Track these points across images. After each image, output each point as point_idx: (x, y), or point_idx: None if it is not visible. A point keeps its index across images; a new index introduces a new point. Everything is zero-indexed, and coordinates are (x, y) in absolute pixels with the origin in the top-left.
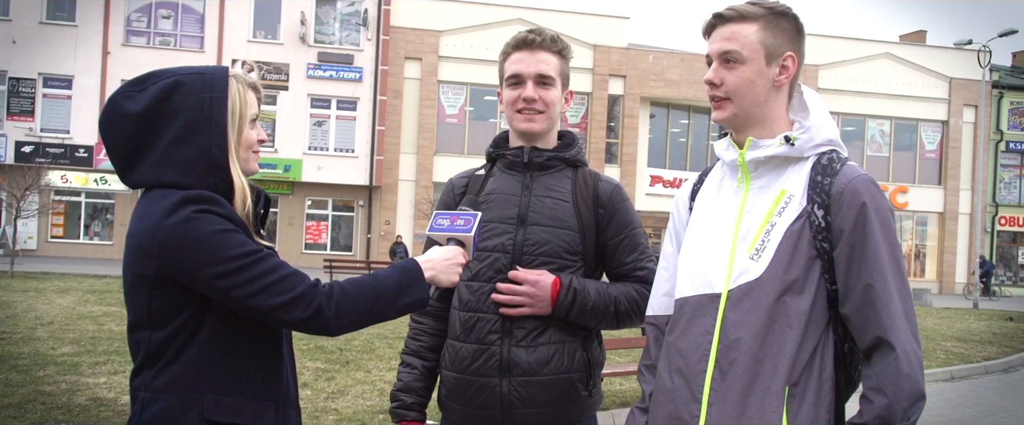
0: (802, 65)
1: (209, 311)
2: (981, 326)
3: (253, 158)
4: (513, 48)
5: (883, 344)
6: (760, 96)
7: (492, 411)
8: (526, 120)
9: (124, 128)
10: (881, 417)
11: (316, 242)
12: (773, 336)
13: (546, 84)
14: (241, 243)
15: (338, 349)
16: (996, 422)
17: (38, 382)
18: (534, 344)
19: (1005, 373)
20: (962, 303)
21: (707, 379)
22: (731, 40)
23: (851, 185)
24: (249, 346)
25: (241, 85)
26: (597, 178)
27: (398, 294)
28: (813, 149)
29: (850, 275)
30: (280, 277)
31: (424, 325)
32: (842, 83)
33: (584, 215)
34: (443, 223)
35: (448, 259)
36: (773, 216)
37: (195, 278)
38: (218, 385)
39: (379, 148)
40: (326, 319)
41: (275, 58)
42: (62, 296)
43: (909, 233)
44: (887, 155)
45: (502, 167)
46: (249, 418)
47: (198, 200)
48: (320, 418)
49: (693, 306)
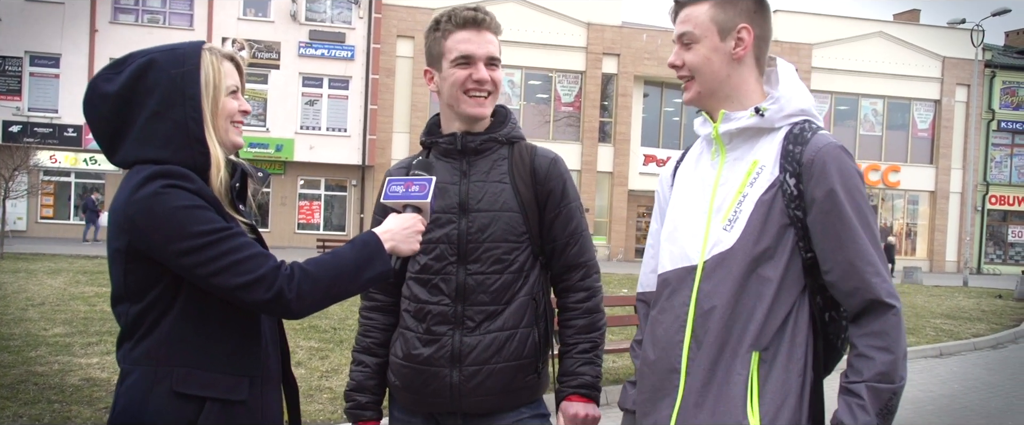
0: (766, 37)
1: (183, 285)
2: (970, 303)
3: (234, 130)
4: (457, 27)
5: (877, 305)
6: (720, 71)
7: (441, 399)
8: (477, 104)
9: (104, 109)
10: (883, 374)
11: (309, 222)
12: (743, 304)
13: (494, 65)
14: (207, 220)
15: (332, 328)
16: (984, 398)
17: (30, 363)
18: (486, 332)
19: (993, 350)
20: (952, 281)
21: (684, 349)
22: (685, 22)
23: (821, 153)
24: (221, 320)
25: (215, 57)
26: (533, 153)
27: (359, 269)
28: (784, 119)
29: (827, 243)
30: (243, 257)
31: (374, 320)
32: (835, 62)
33: (523, 194)
34: (397, 190)
35: (406, 228)
36: (746, 187)
37: (162, 253)
38: (188, 358)
39: (372, 127)
40: (287, 301)
41: (266, 36)
42: (53, 277)
43: (900, 212)
44: (880, 134)
45: (437, 155)
46: (219, 392)
47: (167, 175)
48: (314, 396)
49: (673, 280)
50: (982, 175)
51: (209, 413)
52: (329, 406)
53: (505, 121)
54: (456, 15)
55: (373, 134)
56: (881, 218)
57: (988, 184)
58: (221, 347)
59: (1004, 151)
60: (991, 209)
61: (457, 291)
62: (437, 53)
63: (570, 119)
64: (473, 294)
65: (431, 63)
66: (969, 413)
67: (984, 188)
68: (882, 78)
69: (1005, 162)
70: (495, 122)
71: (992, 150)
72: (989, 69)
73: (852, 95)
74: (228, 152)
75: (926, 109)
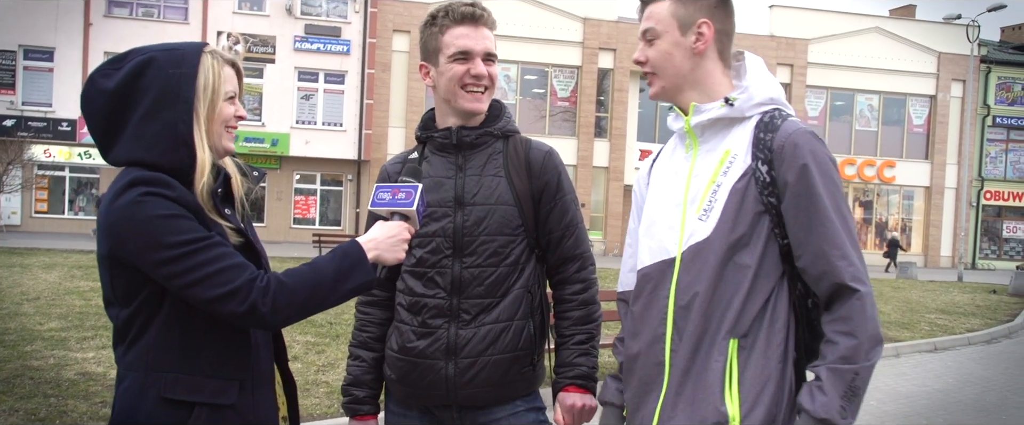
0: (728, 32)
1: (168, 291)
2: (965, 298)
3: (227, 136)
4: (455, 22)
5: (843, 289)
6: (682, 65)
7: (437, 392)
8: (474, 99)
9: (100, 105)
10: (845, 357)
11: (304, 217)
12: (722, 292)
13: (491, 61)
14: (183, 230)
15: (328, 323)
16: (978, 393)
17: (25, 357)
18: (481, 324)
19: (987, 344)
20: (947, 276)
21: (667, 341)
22: (649, 19)
23: (791, 138)
24: (207, 326)
25: (217, 61)
26: (528, 146)
27: (338, 280)
28: (755, 108)
29: (798, 228)
30: (218, 269)
31: (370, 315)
32: (831, 57)
33: (519, 187)
34: (384, 197)
35: (392, 236)
36: (719, 176)
37: (140, 261)
38: (176, 364)
39: (367, 122)
40: (261, 315)
41: (261, 30)
42: (48, 271)
43: (896, 207)
44: (875, 129)
45: (433, 149)
46: (207, 396)
47: (147, 182)
48: (311, 391)
49: (654, 274)
50: (977, 170)
51: (197, 418)
52: (326, 400)
53: (500, 115)
54: (453, 10)
55: (369, 129)
56: (877, 213)
57: (983, 179)
58: (208, 352)
59: (999, 147)
60: (986, 204)
61: (453, 284)
62: (433, 48)
63: (566, 114)
64: (468, 287)
65: (427, 58)
66: (963, 408)
67: (979, 183)
68: (878, 74)
69: (1000, 157)
70: (490, 116)
71: (987, 145)
72: (984, 65)
73: (848, 90)
74: (219, 157)
75: (922, 105)
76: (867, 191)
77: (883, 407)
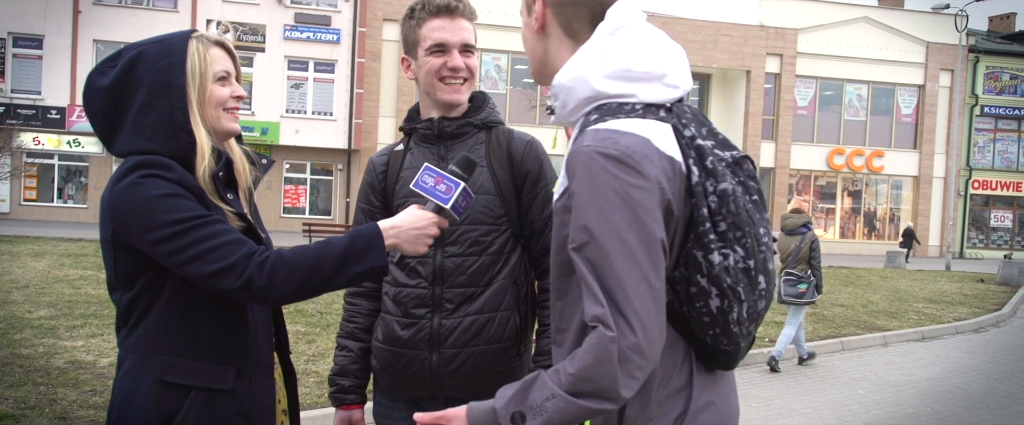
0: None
1: (169, 273)
2: (953, 288)
3: (226, 116)
4: (431, 14)
5: None
6: (535, 48)
7: (422, 383)
8: (453, 91)
9: (99, 102)
10: None
11: (294, 206)
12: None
13: (469, 52)
14: (181, 208)
15: (318, 313)
16: (965, 381)
17: (15, 345)
18: (465, 314)
19: (975, 333)
20: (935, 265)
21: None
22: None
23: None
24: (206, 309)
25: (202, 44)
26: (511, 136)
27: (346, 262)
28: (576, 113)
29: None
30: (216, 245)
31: (358, 306)
32: (820, 47)
33: (500, 177)
34: (428, 181)
35: (418, 229)
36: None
37: (140, 242)
38: (174, 347)
39: (358, 111)
40: (257, 289)
41: (251, 19)
42: (37, 260)
43: (884, 197)
44: (864, 119)
45: (417, 141)
46: (204, 380)
47: (146, 165)
48: (301, 380)
49: None
50: (965, 160)
51: (193, 402)
52: (315, 390)
53: (482, 106)
54: (429, 3)
55: (359, 118)
56: (865, 203)
57: (971, 169)
58: (206, 336)
59: (987, 136)
60: (974, 194)
61: (434, 274)
62: (412, 41)
63: None
64: (451, 276)
65: (408, 51)
66: (950, 396)
67: (967, 173)
68: (867, 63)
69: (988, 147)
70: (472, 107)
71: (975, 135)
72: (973, 54)
73: (837, 80)
74: (222, 139)
75: (910, 94)
76: (856, 181)
77: (871, 396)
